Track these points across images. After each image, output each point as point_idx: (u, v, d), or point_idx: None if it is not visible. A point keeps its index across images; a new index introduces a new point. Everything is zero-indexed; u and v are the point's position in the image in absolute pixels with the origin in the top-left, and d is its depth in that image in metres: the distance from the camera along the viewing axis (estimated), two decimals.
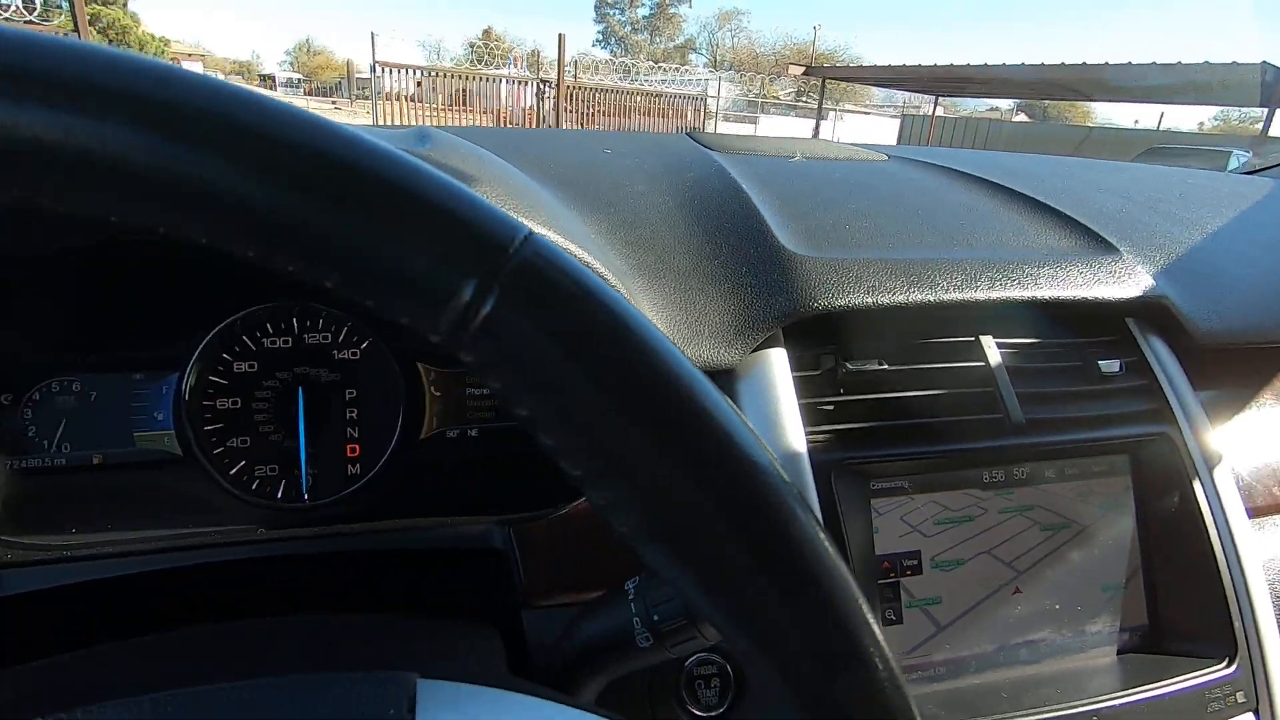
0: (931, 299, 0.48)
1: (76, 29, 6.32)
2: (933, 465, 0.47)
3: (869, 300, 0.47)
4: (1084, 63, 9.98)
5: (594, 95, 9.85)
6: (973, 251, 0.52)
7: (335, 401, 0.52)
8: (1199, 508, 0.49)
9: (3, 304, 0.46)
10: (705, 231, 0.52)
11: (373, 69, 9.61)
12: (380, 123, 9.60)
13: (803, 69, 14.17)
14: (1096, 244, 0.57)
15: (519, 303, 0.19)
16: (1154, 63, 9.09)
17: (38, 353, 0.48)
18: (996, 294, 0.49)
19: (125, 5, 29.70)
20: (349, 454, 0.53)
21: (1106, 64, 9.65)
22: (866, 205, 0.59)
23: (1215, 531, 0.49)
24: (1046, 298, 0.50)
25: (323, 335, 0.52)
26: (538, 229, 0.28)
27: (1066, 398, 0.50)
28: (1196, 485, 0.49)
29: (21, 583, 0.45)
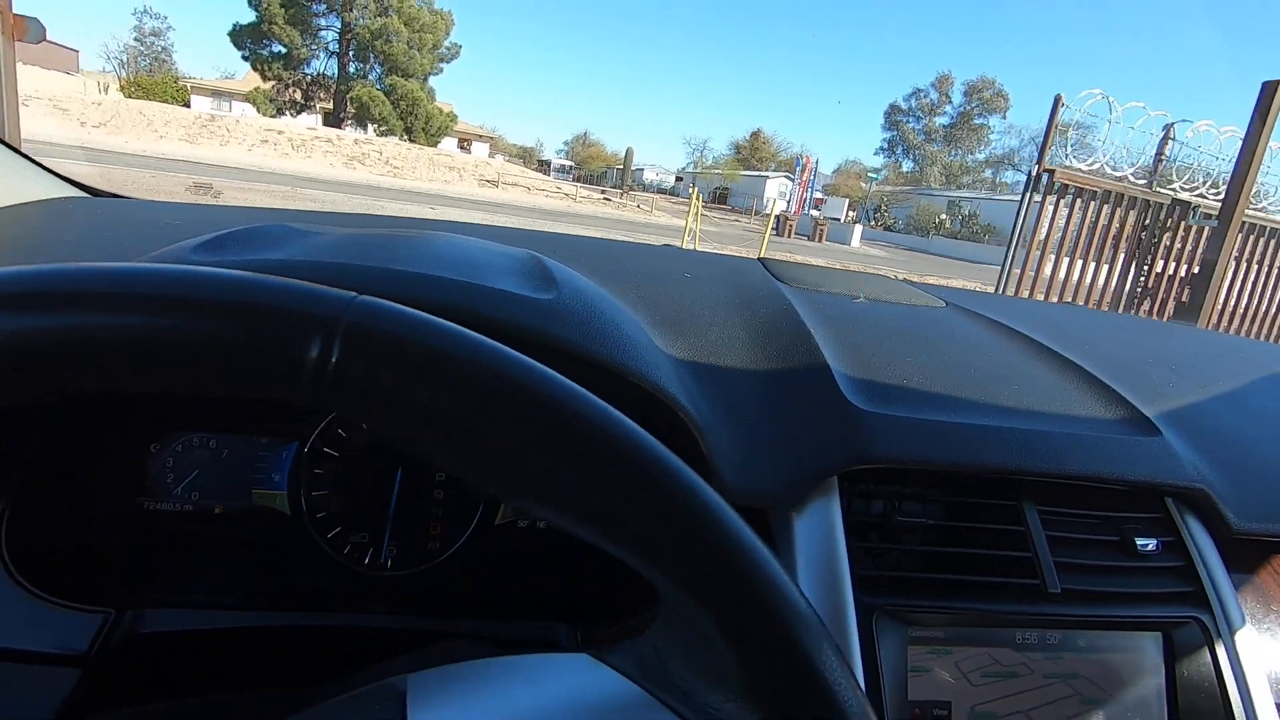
0: (978, 464, 0.52)
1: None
2: (968, 620, 0.50)
3: (922, 459, 0.51)
4: None
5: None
6: (1020, 421, 0.57)
7: (426, 485, 0.58)
8: (1228, 700, 0.50)
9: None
10: (773, 376, 0.58)
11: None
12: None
13: None
14: (1140, 423, 0.61)
15: (361, 347, 0.23)
16: None
17: (185, 412, 0.56)
18: (1040, 466, 0.53)
19: (425, 80, 30.76)
20: (431, 532, 0.58)
21: None
22: (924, 360, 0.64)
23: None
24: (1086, 474, 0.54)
25: None
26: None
27: (1102, 571, 0.53)
28: (1228, 676, 0.51)
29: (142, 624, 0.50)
